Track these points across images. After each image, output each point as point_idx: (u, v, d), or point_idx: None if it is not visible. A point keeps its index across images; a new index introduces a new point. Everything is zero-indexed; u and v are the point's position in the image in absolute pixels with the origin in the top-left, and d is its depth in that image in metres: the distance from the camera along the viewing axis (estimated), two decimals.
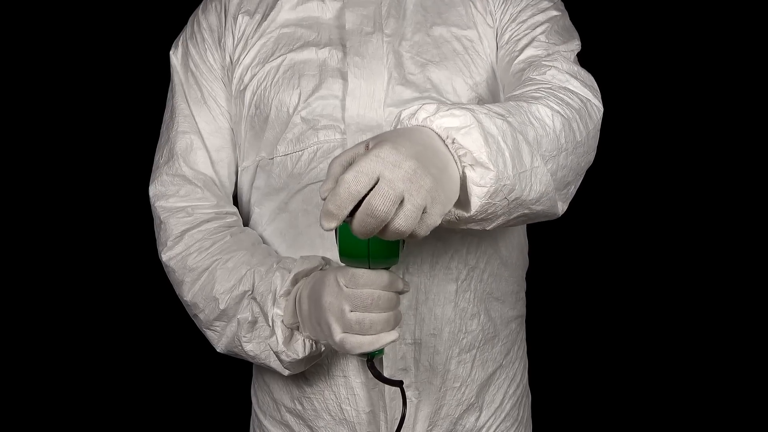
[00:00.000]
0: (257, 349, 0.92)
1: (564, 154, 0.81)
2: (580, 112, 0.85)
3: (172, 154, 1.03)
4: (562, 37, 0.98)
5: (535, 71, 0.91)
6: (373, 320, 0.75)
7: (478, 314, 1.00)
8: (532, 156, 0.76)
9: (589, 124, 0.86)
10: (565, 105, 0.83)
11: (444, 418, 1.01)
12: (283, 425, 1.05)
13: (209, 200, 1.01)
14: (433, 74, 0.97)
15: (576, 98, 0.86)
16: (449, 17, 1.01)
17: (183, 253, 0.98)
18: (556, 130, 0.79)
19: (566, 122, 0.81)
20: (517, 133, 0.74)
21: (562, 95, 0.85)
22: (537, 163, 0.76)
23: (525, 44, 0.96)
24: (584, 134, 0.84)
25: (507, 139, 0.72)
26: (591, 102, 0.88)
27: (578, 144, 0.83)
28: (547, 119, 0.79)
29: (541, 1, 1.01)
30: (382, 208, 0.61)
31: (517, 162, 0.73)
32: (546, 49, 0.94)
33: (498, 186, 0.70)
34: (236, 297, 0.93)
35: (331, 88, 0.96)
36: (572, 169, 0.83)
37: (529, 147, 0.75)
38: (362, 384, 0.97)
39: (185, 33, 1.07)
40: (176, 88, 1.05)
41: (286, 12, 1.01)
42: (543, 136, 0.78)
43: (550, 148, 0.78)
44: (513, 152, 0.72)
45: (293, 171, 0.97)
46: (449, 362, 0.99)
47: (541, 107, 0.80)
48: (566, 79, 0.89)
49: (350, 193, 0.61)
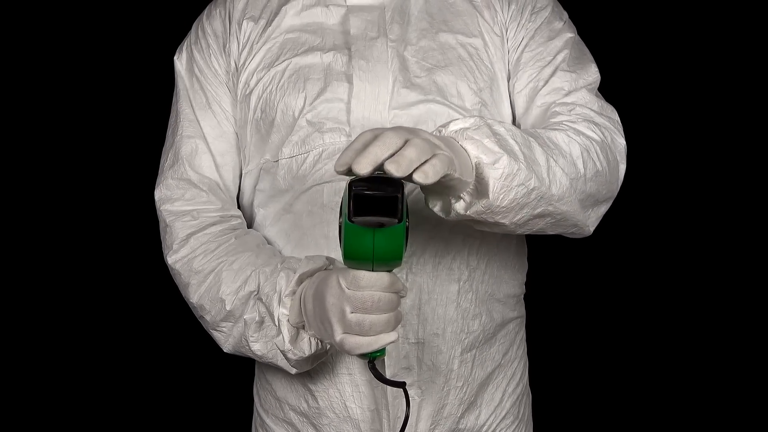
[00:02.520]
0: (264, 348, 0.93)
1: (582, 180, 0.86)
2: (602, 144, 0.92)
3: (177, 158, 1.04)
4: (581, 63, 1.02)
5: (561, 107, 0.97)
6: (373, 321, 0.76)
7: (479, 315, 1.02)
8: (547, 158, 0.81)
9: (610, 156, 0.93)
10: (584, 137, 0.90)
11: (447, 418, 1.03)
12: (287, 423, 1.06)
13: (214, 204, 1.03)
14: (438, 78, 0.98)
15: (598, 131, 0.93)
16: (455, 25, 1.02)
17: (189, 256, 0.99)
18: (573, 154, 0.86)
19: (584, 150, 0.88)
20: (528, 138, 0.80)
21: (583, 129, 0.92)
22: (553, 164, 0.81)
23: (548, 75, 1.00)
24: (604, 164, 0.91)
25: (516, 138, 0.79)
26: (614, 138, 0.96)
27: (598, 173, 0.90)
28: (563, 144, 0.86)
29: (552, 20, 1.04)
30: (394, 138, 0.68)
31: (528, 156, 0.79)
32: (569, 81, 0.99)
33: (511, 169, 0.76)
34: (242, 298, 0.94)
35: (336, 91, 0.97)
36: (591, 195, 0.89)
37: (542, 149, 0.81)
38: (367, 382, 0.99)
39: (189, 39, 1.08)
40: (181, 93, 1.07)
41: (290, 18, 1.03)
42: (559, 155, 0.84)
43: (568, 169, 0.84)
44: (523, 148, 0.79)
45: (298, 173, 0.98)
46: (452, 362, 1.00)
47: (559, 134, 0.87)
48: (591, 116, 0.96)
49: (372, 133, 0.69)
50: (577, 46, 1.04)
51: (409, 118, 0.96)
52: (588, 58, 1.04)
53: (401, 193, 0.69)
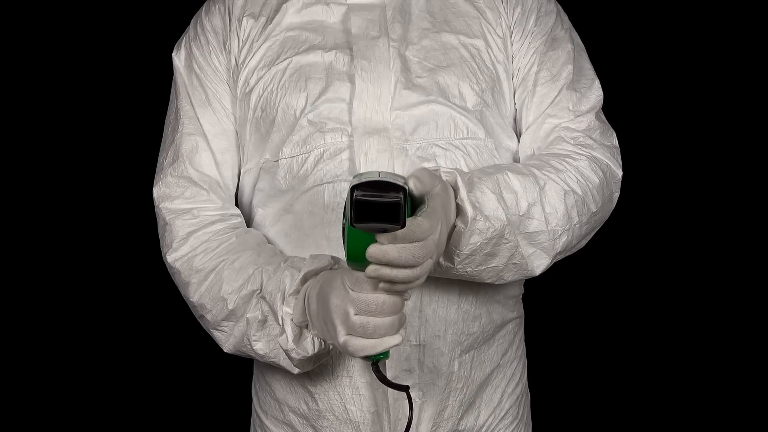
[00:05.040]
0: (267, 347, 0.92)
1: (578, 226, 0.94)
2: (600, 185, 0.97)
3: (177, 155, 1.03)
4: (585, 79, 1.04)
5: (566, 132, 1.00)
6: (377, 324, 0.76)
7: (480, 316, 1.01)
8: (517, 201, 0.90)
9: (605, 192, 0.99)
10: (585, 180, 0.95)
11: (447, 419, 1.02)
12: (286, 425, 1.06)
13: (215, 202, 1.02)
14: (440, 78, 0.98)
15: (599, 171, 0.98)
16: (457, 25, 1.02)
17: (189, 255, 0.98)
18: (567, 205, 0.92)
19: (579, 199, 0.94)
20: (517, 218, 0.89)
21: (584, 169, 0.96)
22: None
23: (554, 93, 1.02)
24: (599, 204, 0.97)
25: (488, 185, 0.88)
26: (612, 171, 1.01)
27: (593, 214, 0.96)
28: (558, 202, 0.92)
29: (554, 28, 1.05)
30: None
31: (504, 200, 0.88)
32: (575, 102, 1.02)
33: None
34: (245, 296, 0.93)
35: (338, 91, 0.97)
36: (583, 236, 0.97)
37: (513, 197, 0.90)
38: (367, 384, 0.98)
39: (188, 35, 1.07)
40: (180, 90, 1.06)
41: (291, 15, 1.02)
42: (552, 215, 0.92)
43: (557, 227, 0.92)
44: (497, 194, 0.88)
45: (299, 173, 0.97)
46: (452, 363, 1.00)
47: (557, 185, 0.93)
48: (593, 147, 1.00)
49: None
50: (580, 57, 1.06)
51: (410, 119, 0.96)
52: (591, 74, 1.06)
53: (403, 198, 0.68)
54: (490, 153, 0.99)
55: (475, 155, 0.97)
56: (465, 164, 0.96)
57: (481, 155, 0.98)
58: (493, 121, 1.01)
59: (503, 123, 1.03)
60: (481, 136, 0.99)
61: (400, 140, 0.95)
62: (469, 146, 0.97)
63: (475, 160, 0.97)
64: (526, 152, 1.04)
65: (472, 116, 0.98)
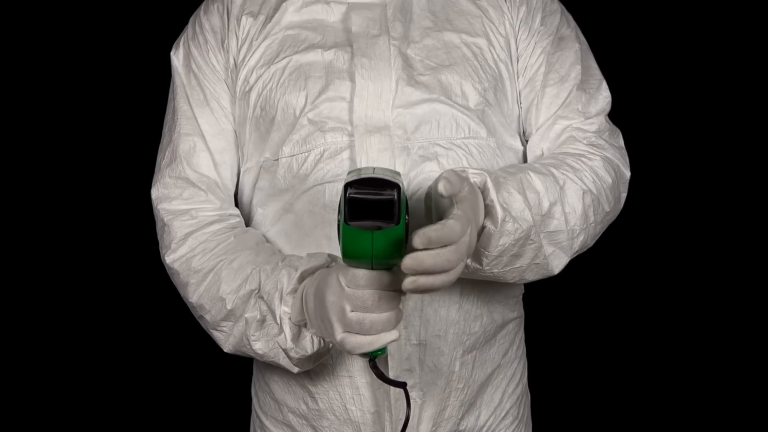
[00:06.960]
0: (266, 347, 0.91)
1: (593, 225, 0.96)
2: (612, 185, 0.99)
3: (175, 156, 1.03)
4: (593, 80, 1.05)
5: (578, 132, 1.01)
6: (373, 320, 0.75)
7: (481, 316, 1.01)
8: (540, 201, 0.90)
9: (616, 192, 1.00)
10: (599, 180, 0.97)
11: (447, 419, 1.02)
12: (286, 425, 1.05)
13: (213, 203, 1.01)
14: (442, 77, 0.97)
15: (611, 171, 0.99)
16: (459, 24, 1.01)
17: (187, 255, 0.98)
18: (585, 204, 0.94)
19: (595, 199, 0.95)
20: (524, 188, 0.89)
21: (599, 169, 0.98)
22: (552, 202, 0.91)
23: (564, 95, 1.02)
24: (612, 203, 0.99)
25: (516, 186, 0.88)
26: (622, 172, 1.02)
27: (606, 214, 0.98)
28: (576, 201, 0.93)
29: (560, 27, 1.05)
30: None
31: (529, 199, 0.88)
32: (584, 103, 1.03)
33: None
34: (243, 296, 0.92)
35: (338, 89, 0.96)
36: (596, 235, 0.99)
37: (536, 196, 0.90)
38: (367, 384, 0.98)
39: (186, 34, 1.07)
40: (178, 90, 1.05)
41: (290, 14, 1.01)
42: (571, 214, 0.93)
43: (577, 227, 0.93)
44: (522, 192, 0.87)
45: (299, 172, 0.97)
46: (453, 363, 1.00)
47: (575, 185, 0.94)
48: (605, 148, 1.01)
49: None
50: (587, 57, 1.06)
51: (412, 117, 0.95)
52: (599, 75, 1.07)
53: (398, 195, 0.68)
54: (493, 152, 0.99)
55: (478, 154, 0.97)
56: (467, 164, 0.96)
57: (484, 154, 0.98)
58: (496, 120, 1.01)
59: (505, 122, 1.03)
60: (483, 136, 0.98)
61: (401, 139, 0.94)
62: (471, 146, 0.97)
63: (477, 159, 0.97)
64: (535, 152, 1.04)
65: (474, 115, 0.98)
